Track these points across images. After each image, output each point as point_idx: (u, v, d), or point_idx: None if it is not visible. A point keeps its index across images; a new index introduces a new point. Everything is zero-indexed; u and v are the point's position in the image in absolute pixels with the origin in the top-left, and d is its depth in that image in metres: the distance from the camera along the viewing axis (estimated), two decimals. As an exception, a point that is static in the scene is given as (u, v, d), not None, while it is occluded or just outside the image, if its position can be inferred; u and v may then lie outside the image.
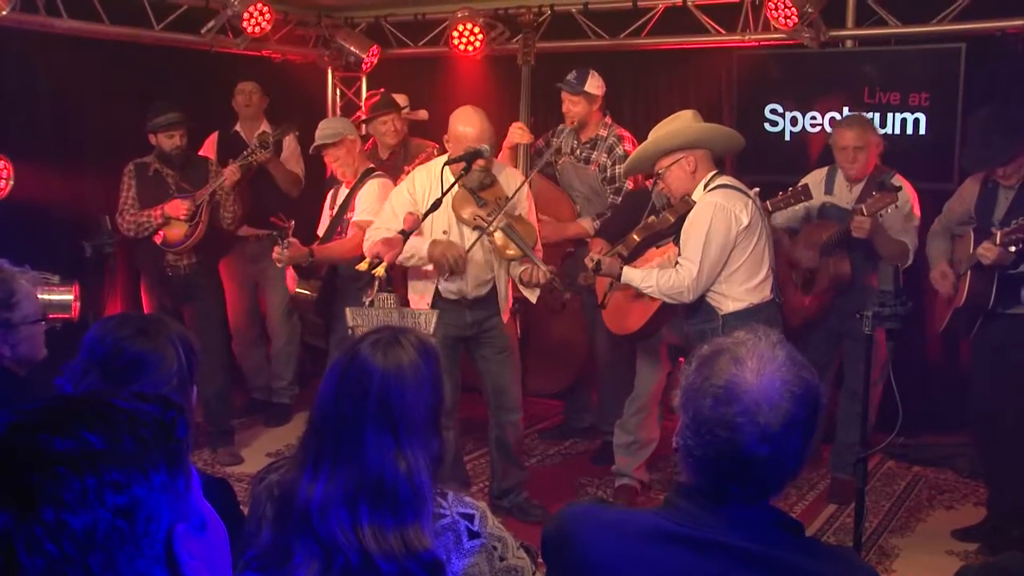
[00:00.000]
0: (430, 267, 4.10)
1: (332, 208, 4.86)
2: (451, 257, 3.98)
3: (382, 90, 5.73)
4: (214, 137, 5.79)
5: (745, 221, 3.72)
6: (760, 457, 1.45)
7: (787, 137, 5.51)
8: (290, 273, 4.85)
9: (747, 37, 5.49)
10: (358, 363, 1.82)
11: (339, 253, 4.59)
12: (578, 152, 5.17)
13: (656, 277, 3.77)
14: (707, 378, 1.49)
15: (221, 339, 5.52)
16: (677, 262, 3.79)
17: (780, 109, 5.52)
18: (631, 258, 4.04)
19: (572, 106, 5.06)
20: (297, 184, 5.79)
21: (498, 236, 4.01)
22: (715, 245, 3.70)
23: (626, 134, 5.11)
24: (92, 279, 4.57)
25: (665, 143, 3.87)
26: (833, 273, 4.49)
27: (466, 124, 4.04)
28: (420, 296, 4.20)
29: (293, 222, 4.55)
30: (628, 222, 4.48)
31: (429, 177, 4.13)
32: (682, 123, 3.92)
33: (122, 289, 5.72)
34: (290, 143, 5.80)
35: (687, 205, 3.82)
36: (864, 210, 4.19)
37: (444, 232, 4.09)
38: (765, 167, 5.32)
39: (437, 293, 4.17)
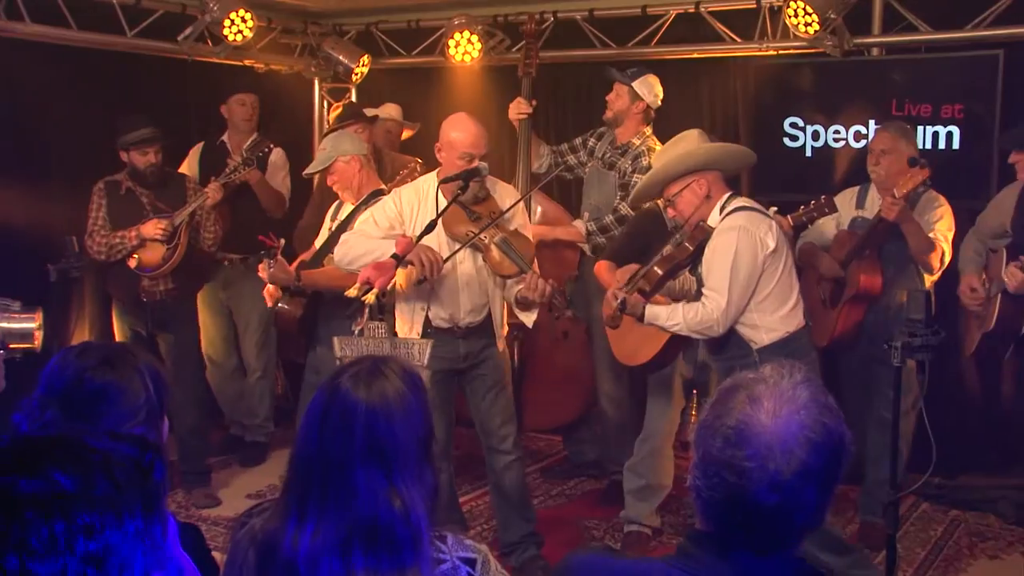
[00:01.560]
0: (406, 275, 4.05)
1: (333, 221, 4.85)
2: (426, 257, 3.84)
3: (346, 100, 5.70)
4: (198, 148, 5.79)
5: (772, 245, 3.71)
6: (768, 506, 1.44)
7: (808, 153, 5.53)
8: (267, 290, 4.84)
9: (765, 46, 5.51)
10: (340, 399, 1.82)
11: (327, 280, 4.57)
12: (606, 156, 5.19)
13: (682, 314, 3.75)
14: (719, 416, 1.49)
15: (197, 370, 5.51)
16: (702, 294, 3.78)
17: (800, 123, 5.54)
18: (653, 292, 4.03)
19: (615, 98, 5.08)
20: (281, 205, 5.79)
21: (494, 251, 4.00)
22: (743, 273, 3.69)
23: (660, 149, 5.11)
24: (57, 306, 4.57)
25: (675, 168, 3.87)
26: (863, 281, 4.50)
27: (459, 130, 4.03)
28: (409, 325, 4.16)
29: (283, 241, 4.56)
30: (640, 245, 4.49)
31: (417, 195, 4.13)
32: (689, 145, 3.93)
33: (90, 317, 5.73)
34: (277, 157, 5.79)
35: (705, 232, 3.81)
36: (896, 192, 4.23)
37: None
38: (784, 185, 5.34)
39: (427, 321, 4.13)
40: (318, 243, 4.86)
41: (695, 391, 4.70)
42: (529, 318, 4.15)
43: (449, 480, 4.30)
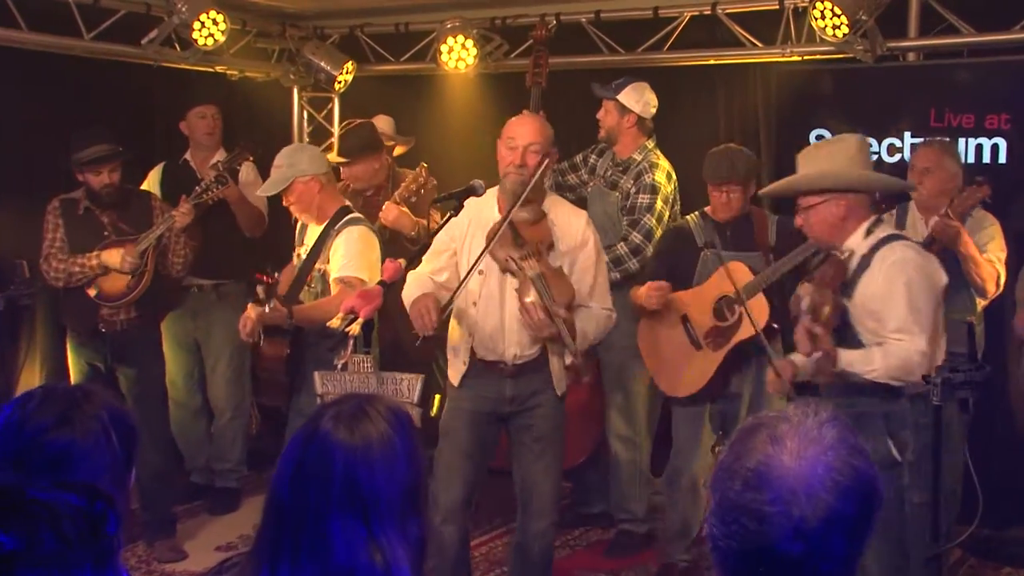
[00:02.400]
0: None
1: (299, 246, 4.81)
2: (417, 312, 3.81)
3: (356, 123, 5.63)
4: (158, 170, 5.77)
5: (944, 280, 3.68)
6: (792, 556, 1.44)
7: (838, 168, 5.54)
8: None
9: (788, 50, 5.52)
10: (318, 441, 1.80)
11: (323, 315, 4.51)
12: (608, 174, 5.24)
13: (881, 358, 3.62)
14: (738, 457, 1.49)
15: (161, 409, 5.48)
16: (887, 339, 3.64)
17: (828, 135, 5.54)
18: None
19: (604, 115, 5.20)
20: (261, 223, 5.76)
21: (529, 288, 3.90)
22: (929, 308, 3.61)
23: (664, 164, 5.13)
24: (5, 337, 4.56)
25: (814, 184, 3.72)
26: None
27: (516, 120, 4.09)
28: (455, 355, 4.10)
29: (278, 275, 4.52)
30: (669, 264, 4.64)
31: (478, 205, 4.03)
32: (839, 161, 3.77)
33: (42, 349, 5.69)
34: (248, 172, 5.76)
35: (844, 268, 3.67)
36: (950, 212, 4.22)
37: (480, 272, 3.97)
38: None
39: (472, 352, 4.05)
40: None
41: (721, 432, 4.71)
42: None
43: (463, 535, 4.17)
